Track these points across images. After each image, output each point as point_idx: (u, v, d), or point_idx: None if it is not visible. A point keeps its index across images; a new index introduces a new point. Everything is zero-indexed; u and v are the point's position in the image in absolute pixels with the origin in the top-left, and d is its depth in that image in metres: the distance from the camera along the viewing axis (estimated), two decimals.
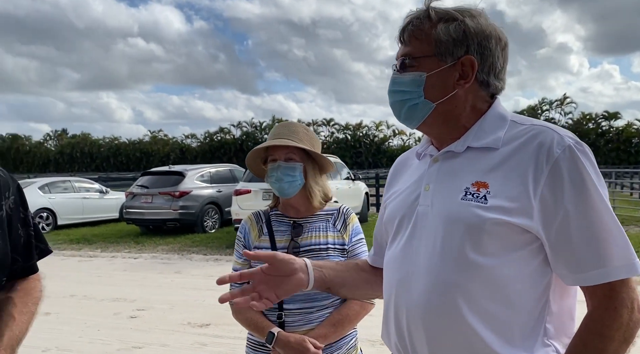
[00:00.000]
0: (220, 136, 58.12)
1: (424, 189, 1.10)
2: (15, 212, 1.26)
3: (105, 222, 13.72)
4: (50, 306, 5.81)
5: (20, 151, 54.16)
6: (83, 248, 10.25)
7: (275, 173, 1.61)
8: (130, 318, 5.28)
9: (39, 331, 4.87)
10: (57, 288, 6.75)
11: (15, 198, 1.27)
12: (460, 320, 0.98)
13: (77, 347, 4.43)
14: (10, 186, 1.27)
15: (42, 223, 12.22)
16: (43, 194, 12.49)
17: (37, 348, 4.43)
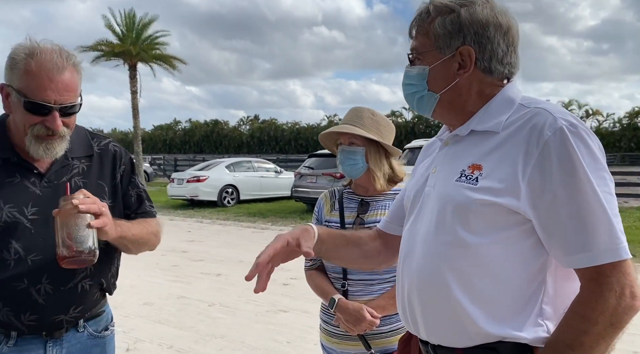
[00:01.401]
0: (392, 119, 58.58)
1: (432, 171, 1.17)
2: (126, 178, 1.60)
3: (278, 199, 15.14)
4: (221, 269, 6.78)
5: (220, 134, 61.52)
6: (257, 221, 11.51)
7: (339, 155, 1.76)
8: (283, 285, 5.86)
9: (208, 289, 5.76)
10: (230, 254, 7.79)
11: (127, 167, 1.60)
12: (448, 293, 1.04)
13: (235, 305, 5.12)
14: (123, 157, 1.60)
15: (227, 197, 14.04)
16: (229, 172, 14.31)
17: (205, 302, 5.24)
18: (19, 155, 1.40)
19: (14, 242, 1.37)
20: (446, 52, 1.10)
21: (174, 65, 21.99)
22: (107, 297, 1.64)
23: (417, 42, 1.14)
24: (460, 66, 1.09)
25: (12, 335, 1.41)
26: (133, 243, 1.50)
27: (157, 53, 21.33)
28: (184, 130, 63.46)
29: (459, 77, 1.10)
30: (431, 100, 1.14)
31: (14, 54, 1.33)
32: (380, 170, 1.75)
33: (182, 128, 64.33)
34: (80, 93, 1.42)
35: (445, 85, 1.11)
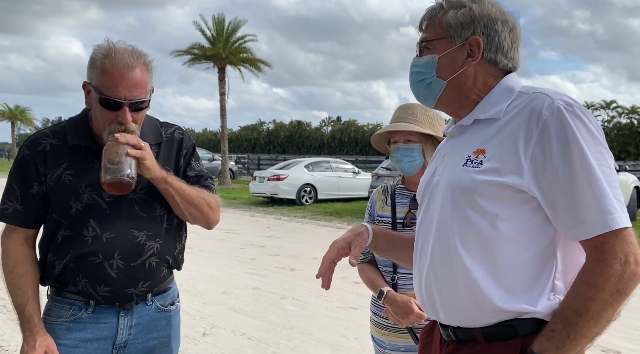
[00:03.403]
0: None
1: (440, 162, 1.23)
2: (186, 161, 1.71)
3: (355, 199, 15.18)
4: (296, 264, 6.93)
5: (303, 135, 62.57)
6: (334, 220, 11.63)
7: (395, 154, 1.75)
8: (354, 283, 5.87)
9: (281, 282, 5.92)
10: (305, 250, 7.95)
11: (188, 151, 1.72)
12: (463, 272, 1.08)
13: (306, 299, 5.23)
14: (186, 143, 1.72)
15: (305, 196, 14.31)
16: (308, 172, 14.58)
17: (278, 294, 5.40)
18: (98, 143, 1.54)
19: (92, 221, 1.52)
20: (456, 41, 1.17)
21: (260, 68, 22.78)
22: (174, 275, 1.75)
23: (428, 32, 1.22)
24: (468, 55, 1.16)
25: (91, 304, 1.56)
26: (181, 196, 1.56)
27: (245, 56, 22.20)
28: (268, 131, 65.38)
29: (466, 65, 1.16)
30: (438, 87, 1.20)
31: (94, 55, 1.47)
32: None
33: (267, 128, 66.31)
34: (152, 90, 1.54)
35: (453, 72, 1.17)
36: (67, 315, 1.56)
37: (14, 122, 44.94)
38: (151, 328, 1.65)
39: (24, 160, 1.55)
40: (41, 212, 1.56)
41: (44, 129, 1.61)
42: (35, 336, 1.50)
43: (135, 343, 1.62)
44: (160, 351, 1.68)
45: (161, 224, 1.62)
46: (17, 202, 1.55)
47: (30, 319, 1.52)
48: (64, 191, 1.52)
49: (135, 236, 1.55)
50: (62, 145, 1.55)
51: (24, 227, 1.57)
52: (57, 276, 1.55)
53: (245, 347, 3.91)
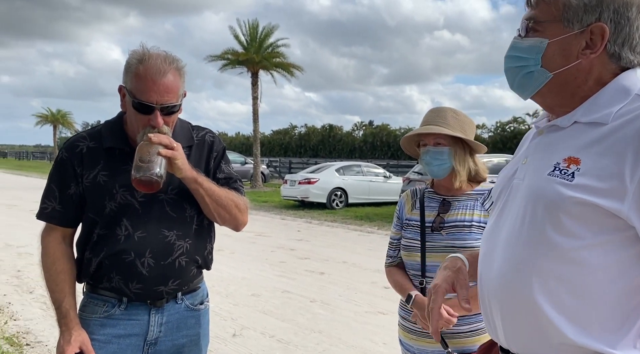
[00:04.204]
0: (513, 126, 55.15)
1: (522, 162, 1.06)
2: (216, 163, 1.74)
3: (386, 204, 15.07)
4: (325, 268, 6.93)
5: (334, 139, 62.62)
6: (364, 224, 11.58)
7: (425, 157, 1.73)
8: (384, 288, 5.83)
9: (311, 285, 5.93)
10: (335, 254, 7.94)
11: (218, 154, 1.75)
12: (532, 300, 0.94)
13: (336, 303, 5.22)
14: (216, 146, 1.75)
15: (336, 200, 14.31)
16: (338, 175, 14.58)
17: (307, 297, 5.41)
18: (132, 146, 1.59)
19: (125, 220, 1.57)
20: (574, 26, 0.96)
21: (292, 72, 22.95)
22: (203, 274, 1.78)
23: (539, 10, 1.00)
24: (587, 46, 0.96)
25: (124, 301, 1.61)
26: (210, 197, 1.59)
27: (277, 61, 22.40)
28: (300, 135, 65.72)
29: (582, 58, 0.96)
30: (540, 79, 1.00)
31: (129, 59, 1.52)
32: (464, 168, 1.71)
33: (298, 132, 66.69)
34: (184, 95, 1.58)
35: (563, 64, 0.97)
36: (101, 312, 1.61)
37: (56, 125, 46.59)
38: (181, 326, 1.69)
39: (63, 161, 1.61)
40: (78, 212, 1.62)
41: (82, 132, 1.67)
42: (70, 331, 1.55)
43: (166, 340, 1.66)
44: (189, 349, 1.71)
45: (191, 224, 1.65)
46: (55, 202, 1.61)
47: (66, 315, 1.57)
48: (99, 191, 1.57)
49: (165, 236, 1.59)
50: (98, 147, 1.60)
51: (62, 226, 1.63)
52: (93, 273, 1.60)
53: (275, 349, 3.93)
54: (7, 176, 28.88)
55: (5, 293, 5.36)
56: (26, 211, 12.51)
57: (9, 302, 5.02)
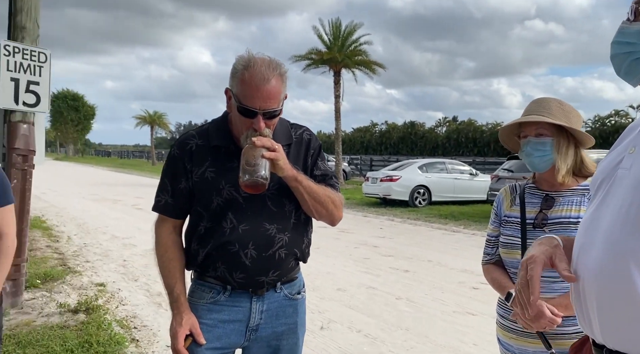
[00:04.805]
0: (615, 120, 50.79)
1: (629, 152, 1.01)
2: (313, 160, 1.80)
3: (472, 202, 14.58)
4: (410, 266, 6.87)
5: (416, 136, 61.45)
6: (449, 223, 11.29)
7: (525, 148, 1.66)
8: (472, 289, 5.68)
9: (395, 283, 5.91)
10: (419, 252, 7.84)
11: (315, 151, 1.81)
12: (633, 293, 0.90)
13: (422, 301, 5.16)
14: (313, 143, 1.81)
15: (419, 197, 14.08)
16: (421, 173, 14.34)
17: (392, 295, 5.40)
18: (236, 144, 1.69)
19: (230, 214, 1.67)
20: None
21: (374, 69, 22.88)
22: (300, 265, 1.86)
23: None
24: None
25: (228, 288, 1.72)
26: (309, 194, 1.66)
27: (360, 59, 22.44)
28: (381, 132, 65.21)
29: None
30: None
31: (236, 65, 1.61)
32: (566, 162, 1.62)
33: (379, 130, 66.21)
34: (285, 97, 1.65)
35: None
36: (207, 297, 1.73)
37: (152, 126, 49.94)
38: (280, 314, 1.77)
39: (174, 158, 1.75)
40: (188, 205, 1.75)
41: (191, 130, 1.80)
42: (182, 314, 1.69)
43: (266, 327, 1.75)
44: (288, 336, 1.80)
45: (290, 219, 1.73)
46: (168, 195, 1.75)
47: (177, 299, 1.71)
48: (206, 186, 1.69)
49: (266, 229, 1.68)
50: (206, 145, 1.72)
51: (173, 218, 1.77)
52: (200, 262, 1.73)
53: (362, 344, 3.98)
54: (111, 173, 31.50)
55: (114, 280, 5.87)
56: (129, 206, 13.59)
57: (118, 288, 5.50)
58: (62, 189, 17.95)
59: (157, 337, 4.02)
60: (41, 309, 4.64)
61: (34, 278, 5.52)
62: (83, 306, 4.59)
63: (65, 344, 3.69)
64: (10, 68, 4.37)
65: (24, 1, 4.45)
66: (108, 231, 9.36)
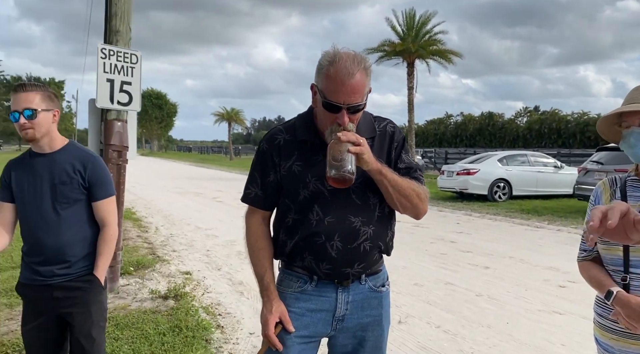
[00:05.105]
0: None
1: None
2: (397, 153, 1.79)
3: (557, 197, 13.80)
4: (490, 262, 6.64)
5: (494, 127, 59.12)
6: (531, 218, 10.76)
7: (628, 138, 1.55)
8: (559, 287, 5.40)
9: (475, 279, 5.74)
10: (500, 249, 7.55)
11: (399, 144, 1.80)
12: None
13: (504, 299, 4.98)
14: (397, 136, 1.80)
15: (498, 191, 13.53)
16: (501, 166, 13.75)
17: (472, 291, 5.26)
18: (322, 138, 1.72)
19: (316, 206, 1.71)
20: None
21: (450, 59, 22.22)
22: (383, 259, 1.86)
23: None
24: None
25: (314, 278, 1.76)
26: (393, 187, 1.66)
27: (434, 48, 21.89)
28: (456, 124, 63.25)
29: None
30: None
31: (321, 60, 1.63)
32: None
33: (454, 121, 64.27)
34: (369, 91, 1.65)
35: None
36: (295, 287, 1.79)
37: (230, 122, 51.81)
38: (365, 306, 1.79)
39: (263, 152, 1.81)
40: (276, 197, 1.81)
41: (279, 125, 1.86)
42: (272, 302, 1.76)
43: (352, 318, 1.78)
44: (373, 328, 1.81)
45: (374, 212, 1.74)
46: (257, 188, 1.82)
47: (267, 287, 1.78)
48: (293, 179, 1.74)
49: (351, 222, 1.70)
50: (293, 139, 1.77)
51: (262, 209, 1.84)
52: (288, 252, 1.78)
53: (441, 339, 3.92)
54: (193, 168, 33.11)
55: (199, 269, 6.19)
56: (209, 198, 14.23)
57: (203, 277, 5.79)
58: (148, 183, 19.12)
59: (241, 324, 4.19)
60: (135, 294, 5.00)
61: (128, 265, 5.95)
62: (172, 292, 4.89)
63: (157, 328, 3.95)
64: (106, 70, 4.72)
65: (117, 6, 4.78)
66: (192, 222, 9.86)
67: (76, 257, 2.27)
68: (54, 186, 2.24)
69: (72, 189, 2.25)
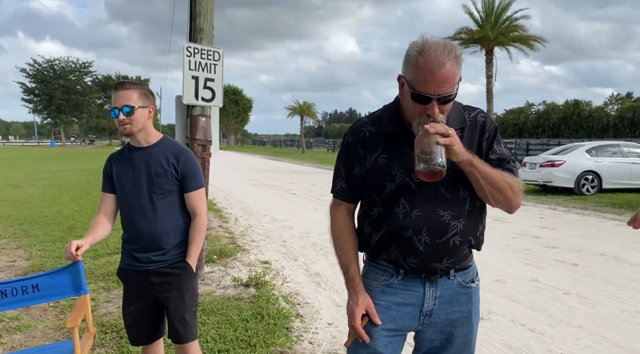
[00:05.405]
0: None
1: None
2: (488, 144, 1.72)
3: None
4: (578, 259, 6.25)
5: (580, 116, 55.55)
6: (625, 213, 9.99)
7: None
8: None
9: (562, 277, 5.44)
10: (589, 245, 7.09)
11: (490, 134, 1.72)
12: None
13: (596, 298, 4.67)
14: (488, 126, 1.72)
15: (586, 184, 12.69)
16: (590, 157, 12.87)
17: (559, 289, 4.98)
18: (408, 130, 1.68)
19: (403, 200, 1.68)
20: None
21: (532, 45, 21.08)
22: (473, 254, 1.81)
23: None
24: None
25: (400, 272, 1.74)
26: (485, 179, 1.60)
27: (515, 35, 20.86)
28: (538, 113, 60.03)
29: None
30: None
31: (409, 51, 1.58)
32: None
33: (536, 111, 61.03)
34: (460, 80, 1.59)
35: None
36: (381, 280, 1.78)
37: (302, 116, 52.50)
38: (453, 302, 1.75)
39: (348, 145, 1.81)
40: (361, 190, 1.80)
41: (364, 118, 1.85)
42: (358, 294, 1.76)
43: (440, 314, 1.75)
44: (462, 324, 1.77)
45: (464, 205, 1.69)
46: (342, 181, 1.82)
47: (353, 280, 1.79)
48: (379, 172, 1.72)
49: (440, 216, 1.66)
50: (378, 131, 1.75)
51: (347, 202, 1.84)
52: (374, 246, 1.77)
53: (527, 338, 3.75)
54: (267, 161, 33.99)
55: (276, 259, 6.35)
56: (284, 191, 14.54)
57: (282, 266, 5.95)
58: (226, 175, 19.87)
59: (319, 315, 4.26)
60: (219, 281, 5.23)
61: (211, 254, 6.23)
62: (253, 281, 5.06)
63: (241, 315, 4.10)
64: (191, 68, 4.94)
65: (201, 5, 4.98)
66: (268, 214, 10.13)
67: (170, 245, 2.41)
68: (150, 178, 2.38)
69: (166, 181, 2.39)
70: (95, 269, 5.56)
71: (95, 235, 2.38)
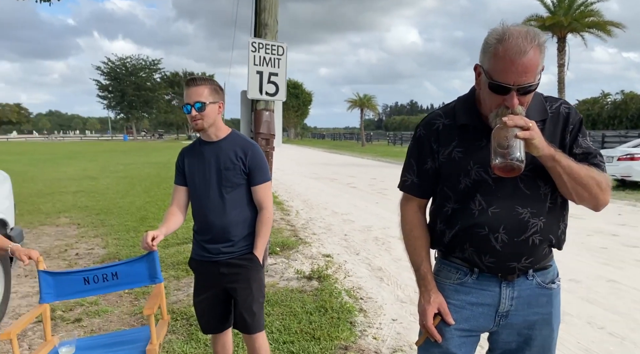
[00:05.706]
0: None
1: None
2: (573, 137, 1.60)
3: None
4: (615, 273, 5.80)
5: None
6: None
7: None
8: None
9: (609, 296, 5.06)
10: None
11: (575, 126, 1.61)
12: None
13: (630, 313, 4.32)
14: (572, 118, 1.61)
15: None
16: None
17: None
18: (484, 122, 1.59)
19: (479, 196, 1.60)
20: None
21: (609, 31, 19.74)
22: (553, 253, 1.70)
23: None
24: None
25: (475, 271, 1.67)
26: (568, 174, 1.50)
27: (591, 20, 19.62)
28: (614, 103, 56.35)
29: None
30: None
31: (488, 39, 1.48)
32: None
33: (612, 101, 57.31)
34: (542, 70, 1.48)
35: None
36: (454, 278, 1.71)
37: (362, 108, 52.21)
38: (532, 303, 1.66)
39: (420, 138, 1.75)
40: (433, 185, 1.74)
41: (437, 110, 1.78)
42: (429, 292, 1.71)
43: (517, 315, 1.66)
44: (541, 326, 1.67)
45: (545, 202, 1.59)
46: (413, 175, 1.77)
47: (424, 277, 1.73)
48: (453, 167, 1.65)
49: (519, 213, 1.57)
50: (452, 124, 1.68)
51: (418, 197, 1.78)
52: (447, 243, 1.71)
53: (606, 342, 3.53)
54: (326, 154, 34.12)
55: (338, 252, 6.36)
56: (344, 184, 14.53)
57: (344, 260, 5.94)
58: (287, 168, 20.13)
59: (383, 310, 4.21)
60: (282, 273, 5.30)
61: (274, 246, 6.33)
62: (316, 274, 5.09)
63: (304, 307, 4.14)
64: (256, 63, 5.01)
65: (266, 0, 5.03)
66: (328, 207, 10.16)
67: (238, 237, 2.46)
68: (220, 171, 2.43)
69: (235, 174, 2.43)
70: (166, 258, 5.81)
71: (169, 226, 2.46)
